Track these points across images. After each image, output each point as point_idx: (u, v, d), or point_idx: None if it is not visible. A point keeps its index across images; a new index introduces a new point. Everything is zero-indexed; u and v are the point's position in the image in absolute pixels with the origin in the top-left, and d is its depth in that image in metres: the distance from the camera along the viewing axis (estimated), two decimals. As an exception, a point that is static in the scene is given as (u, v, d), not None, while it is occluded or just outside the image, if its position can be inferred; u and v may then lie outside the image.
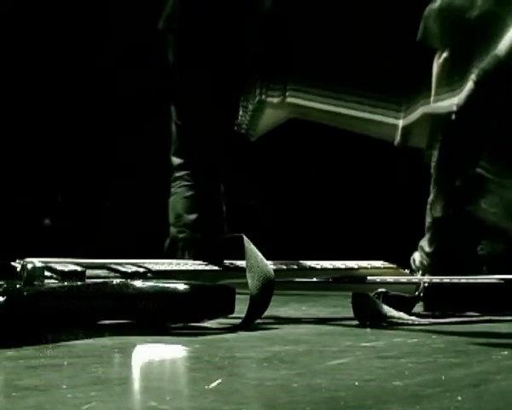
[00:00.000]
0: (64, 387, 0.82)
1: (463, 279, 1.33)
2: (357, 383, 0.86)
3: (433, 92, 4.39)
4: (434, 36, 4.36)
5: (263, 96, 1.47)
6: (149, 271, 1.45)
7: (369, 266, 1.72)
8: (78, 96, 5.74)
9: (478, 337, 1.30)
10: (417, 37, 4.32)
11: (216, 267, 1.55)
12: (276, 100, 1.48)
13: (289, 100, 1.47)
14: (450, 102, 1.39)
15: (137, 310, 1.33)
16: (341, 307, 1.83)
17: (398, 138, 1.40)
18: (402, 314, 1.46)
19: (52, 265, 1.37)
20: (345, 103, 1.48)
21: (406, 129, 1.39)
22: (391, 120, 1.45)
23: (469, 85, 1.41)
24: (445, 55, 4.38)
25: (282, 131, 3.66)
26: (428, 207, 1.42)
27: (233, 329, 1.36)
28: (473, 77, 1.41)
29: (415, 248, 3.85)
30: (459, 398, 0.78)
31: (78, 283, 1.33)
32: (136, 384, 0.90)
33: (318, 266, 1.67)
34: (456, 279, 1.32)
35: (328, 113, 1.49)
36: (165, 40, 3.01)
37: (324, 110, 1.49)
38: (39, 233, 5.35)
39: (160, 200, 5.74)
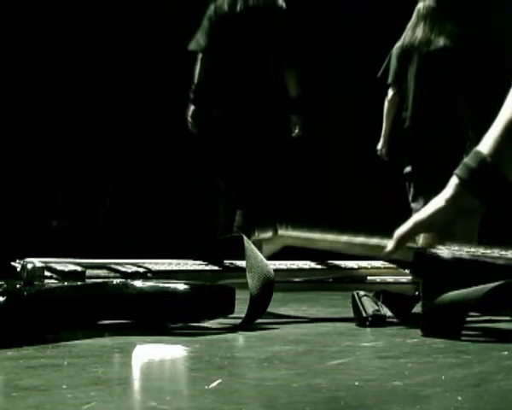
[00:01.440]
0: (64, 387, 0.82)
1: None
2: (357, 383, 0.86)
3: (383, 126, 4.74)
4: (392, 73, 4.66)
5: (257, 235, 1.58)
6: (149, 271, 1.45)
7: (369, 266, 1.72)
8: (78, 98, 5.74)
9: (478, 337, 1.30)
10: (378, 74, 4.63)
11: (216, 267, 1.55)
12: (268, 235, 1.59)
13: (280, 233, 1.58)
14: (437, 205, 1.44)
15: (137, 310, 1.33)
16: (341, 307, 1.84)
17: (390, 246, 1.45)
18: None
19: (52, 265, 1.38)
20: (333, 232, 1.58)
21: (399, 238, 1.44)
22: (376, 242, 1.53)
23: (453, 181, 1.44)
24: (392, 92, 4.68)
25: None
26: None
27: (233, 329, 1.36)
28: (456, 172, 1.44)
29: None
30: (459, 398, 0.78)
31: (78, 283, 1.33)
32: (136, 384, 0.89)
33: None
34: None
35: (318, 240, 1.58)
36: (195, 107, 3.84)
37: (314, 238, 1.59)
38: (40, 233, 5.35)
39: (160, 200, 5.73)
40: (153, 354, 1.14)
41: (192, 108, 3.81)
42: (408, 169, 4.45)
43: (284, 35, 3.76)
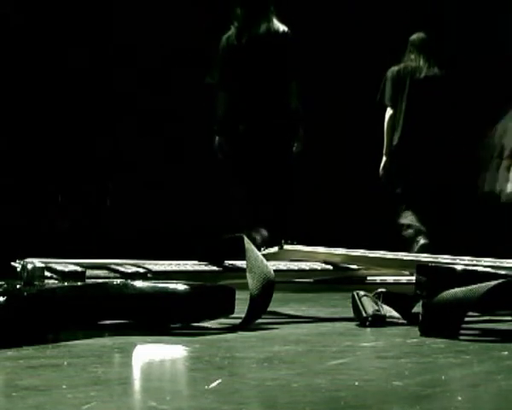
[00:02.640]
0: (64, 387, 0.82)
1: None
2: (357, 383, 0.86)
3: (384, 145, 5.00)
4: (388, 94, 4.98)
5: (262, 250, 1.59)
6: (149, 271, 1.45)
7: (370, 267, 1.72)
8: (78, 97, 5.74)
9: (478, 337, 1.30)
10: (377, 97, 4.92)
11: (216, 268, 1.55)
12: (274, 250, 1.61)
13: (285, 247, 1.60)
14: None
15: (137, 310, 1.33)
16: (341, 307, 1.83)
17: (484, 186, 1.48)
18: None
19: (52, 265, 1.38)
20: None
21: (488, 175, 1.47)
22: (377, 255, 1.54)
23: None
24: (390, 112, 4.99)
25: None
26: None
27: (233, 329, 1.36)
28: None
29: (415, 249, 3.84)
30: (459, 398, 0.78)
31: (79, 283, 1.33)
32: (136, 384, 0.90)
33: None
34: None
35: (322, 254, 1.60)
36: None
37: (318, 252, 1.61)
38: (40, 233, 5.35)
39: (160, 200, 5.72)
40: (153, 354, 1.14)
41: (217, 138, 4.19)
42: (398, 191, 4.75)
43: (286, 57, 4.15)
